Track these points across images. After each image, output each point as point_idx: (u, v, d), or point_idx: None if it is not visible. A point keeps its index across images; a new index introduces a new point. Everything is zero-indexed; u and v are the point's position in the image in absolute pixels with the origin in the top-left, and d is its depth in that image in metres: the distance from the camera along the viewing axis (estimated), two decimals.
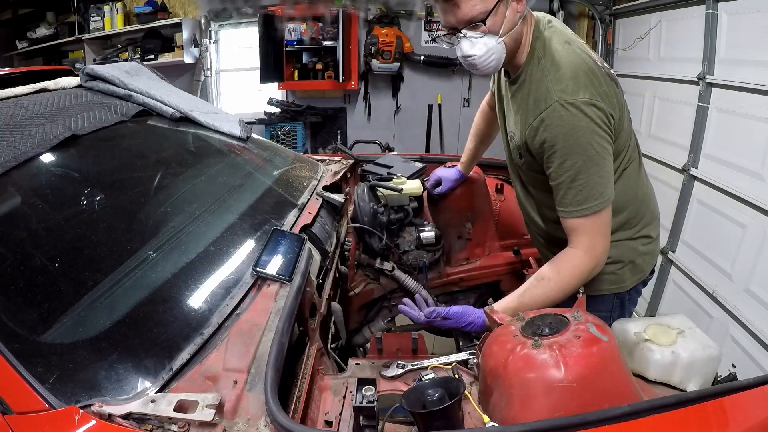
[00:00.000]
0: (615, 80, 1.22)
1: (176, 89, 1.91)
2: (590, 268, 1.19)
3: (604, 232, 1.19)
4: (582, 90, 1.11)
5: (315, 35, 4.34)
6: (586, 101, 1.10)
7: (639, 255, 1.34)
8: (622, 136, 1.22)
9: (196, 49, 4.70)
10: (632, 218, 1.32)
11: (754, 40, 2.23)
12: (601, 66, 1.20)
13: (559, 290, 1.20)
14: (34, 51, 5.12)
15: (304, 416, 0.92)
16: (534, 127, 1.17)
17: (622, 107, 1.22)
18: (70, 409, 0.77)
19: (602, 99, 1.13)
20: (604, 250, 1.20)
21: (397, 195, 1.83)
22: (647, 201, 1.37)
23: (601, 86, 1.14)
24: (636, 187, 1.32)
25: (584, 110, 1.10)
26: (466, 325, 1.25)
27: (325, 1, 4.21)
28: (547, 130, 1.14)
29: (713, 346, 1.05)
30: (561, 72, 1.13)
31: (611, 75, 1.22)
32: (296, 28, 4.31)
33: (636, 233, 1.33)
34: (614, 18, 3.71)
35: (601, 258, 1.21)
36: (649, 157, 3.00)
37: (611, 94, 1.16)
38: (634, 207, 1.31)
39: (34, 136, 1.21)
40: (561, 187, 1.17)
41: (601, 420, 0.72)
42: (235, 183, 1.57)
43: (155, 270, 1.09)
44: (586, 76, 1.13)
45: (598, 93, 1.12)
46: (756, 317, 2.13)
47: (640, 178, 1.35)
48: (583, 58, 1.17)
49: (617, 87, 1.22)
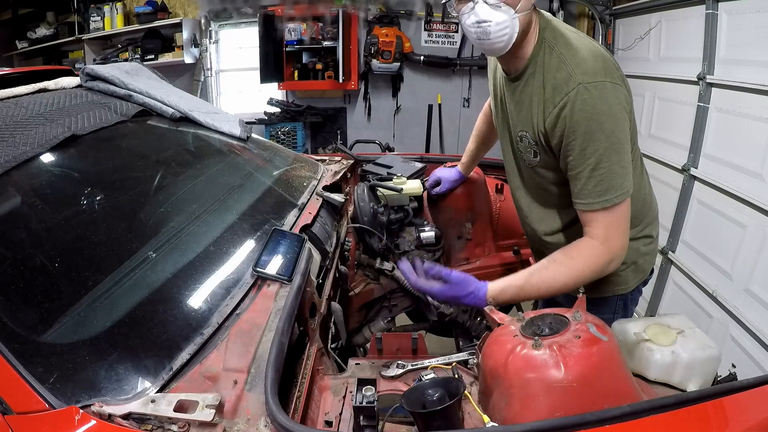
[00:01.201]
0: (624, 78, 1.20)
1: (176, 89, 1.91)
2: (605, 261, 1.14)
3: (624, 227, 1.14)
4: (604, 72, 1.08)
5: (315, 35, 4.34)
6: (611, 82, 1.07)
7: (641, 255, 1.34)
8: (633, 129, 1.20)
9: (196, 49, 4.70)
10: (635, 218, 1.30)
11: (754, 40, 2.23)
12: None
13: (570, 276, 1.14)
14: (34, 51, 5.12)
15: (304, 416, 0.92)
16: (555, 115, 1.12)
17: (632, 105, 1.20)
18: (70, 409, 0.76)
19: (623, 83, 1.11)
20: (622, 246, 1.15)
21: (397, 195, 1.83)
22: (649, 200, 1.36)
23: (619, 70, 1.12)
24: (639, 186, 1.30)
25: (609, 92, 1.06)
26: (467, 295, 1.16)
27: (325, 1, 4.21)
28: (569, 116, 1.09)
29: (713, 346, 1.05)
30: (580, 56, 1.10)
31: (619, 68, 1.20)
32: (296, 28, 4.31)
33: (638, 233, 1.32)
34: (614, 18, 3.71)
35: (618, 253, 1.15)
36: (649, 157, 3.00)
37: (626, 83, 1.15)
38: (637, 206, 1.30)
39: (34, 136, 1.21)
40: (581, 177, 1.12)
41: (601, 420, 0.72)
42: (235, 183, 1.57)
43: (155, 270, 1.09)
44: (605, 60, 1.10)
45: (619, 76, 1.10)
46: (756, 317, 2.13)
47: (642, 178, 1.34)
48: (597, 45, 1.16)
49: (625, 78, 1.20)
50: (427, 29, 4.45)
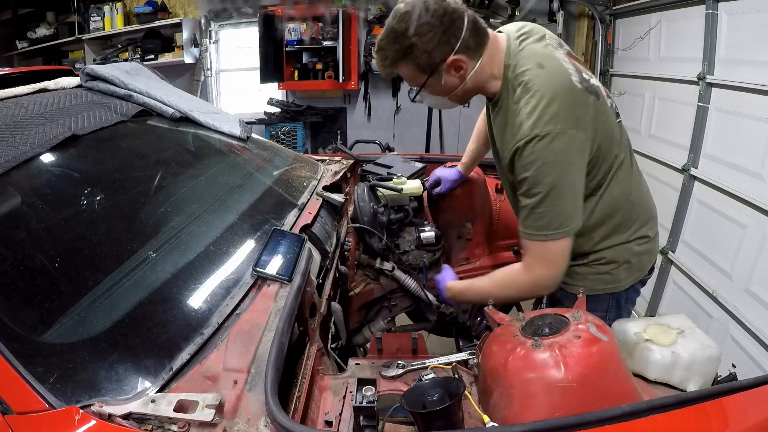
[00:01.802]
0: (596, 92, 1.19)
1: (176, 89, 1.91)
2: (528, 286, 1.25)
3: (553, 261, 1.19)
4: (556, 119, 1.09)
5: (315, 35, 4.34)
6: (558, 132, 1.09)
7: (634, 255, 1.33)
8: (607, 144, 1.20)
9: (196, 49, 4.71)
10: (625, 221, 1.30)
11: (754, 40, 2.23)
12: (582, 79, 1.17)
13: (494, 290, 1.30)
14: (34, 51, 5.12)
15: (304, 416, 0.92)
16: (510, 155, 1.18)
17: (606, 118, 1.20)
18: (70, 409, 0.77)
19: (576, 125, 1.11)
20: (547, 277, 1.21)
21: (397, 195, 1.83)
22: (641, 201, 1.35)
23: (576, 109, 1.12)
24: (628, 189, 1.30)
25: (557, 141, 1.09)
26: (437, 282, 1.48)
27: (325, 1, 4.21)
28: (518, 161, 1.15)
29: (713, 346, 1.05)
30: (533, 103, 1.12)
31: (591, 88, 1.18)
32: (296, 28, 4.31)
33: (630, 236, 1.31)
34: (614, 18, 3.71)
35: (543, 282, 1.23)
36: (649, 157, 3.01)
37: (588, 113, 1.14)
38: (626, 210, 1.29)
39: (34, 136, 1.21)
40: (524, 210, 1.19)
41: (601, 420, 0.72)
42: (235, 183, 1.57)
43: (155, 270, 1.09)
44: (559, 103, 1.10)
45: (572, 119, 1.10)
46: (756, 317, 2.13)
47: (632, 179, 1.32)
48: (559, 79, 1.14)
49: (598, 98, 1.19)
50: None
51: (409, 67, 1.19)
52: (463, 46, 1.15)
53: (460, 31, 1.14)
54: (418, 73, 1.20)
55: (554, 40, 1.29)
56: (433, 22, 1.12)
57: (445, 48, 1.15)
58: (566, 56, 1.24)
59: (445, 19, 1.12)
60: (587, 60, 4.12)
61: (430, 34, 1.12)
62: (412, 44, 1.14)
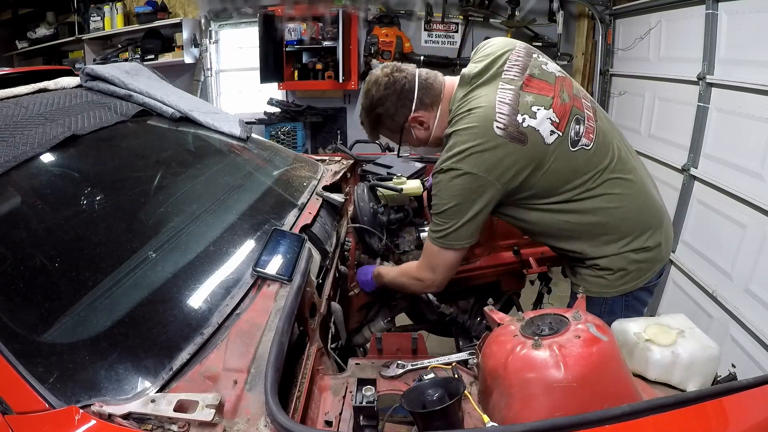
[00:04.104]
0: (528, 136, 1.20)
1: (176, 89, 1.91)
2: (417, 282, 1.42)
3: (435, 266, 1.35)
4: (459, 162, 1.21)
5: (315, 35, 4.34)
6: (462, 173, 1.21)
7: (631, 263, 1.32)
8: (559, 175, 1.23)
9: (196, 49, 4.70)
10: (612, 234, 1.30)
11: (754, 40, 2.23)
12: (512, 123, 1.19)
13: (397, 280, 1.49)
14: (34, 51, 5.12)
15: (304, 416, 0.92)
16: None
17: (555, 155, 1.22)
18: (70, 409, 0.76)
19: (481, 168, 1.19)
20: (430, 279, 1.38)
21: (397, 195, 1.83)
22: (639, 213, 1.32)
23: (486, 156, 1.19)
24: (621, 203, 1.28)
25: (456, 180, 1.22)
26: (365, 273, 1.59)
27: (325, 1, 4.21)
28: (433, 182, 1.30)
29: (713, 346, 1.05)
30: (450, 142, 1.24)
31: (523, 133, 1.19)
32: (296, 28, 4.31)
33: (621, 248, 1.30)
34: (614, 18, 3.71)
35: (428, 283, 1.40)
36: (649, 157, 3.01)
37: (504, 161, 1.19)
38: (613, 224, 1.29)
39: (34, 136, 1.21)
40: (431, 215, 1.34)
41: (601, 420, 0.72)
42: (235, 183, 1.57)
43: (155, 270, 1.09)
44: (469, 151, 1.20)
45: (478, 164, 1.19)
46: (756, 317, 2.13)
47: (629, 191, 1.30)
48: (478, 129, 1.20)
49: (524, 143, 1.20)
50: (427, 29, 4.45)
51: (384, 131, 1.44)
52: (419, 103, 1.34)
53: (412, 93, 1.34)
54: (392, 134, 1.43)
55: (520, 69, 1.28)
56: (387, 93, 1.33)
57: (404, 110, 1.35)
58: (523, 89, 1.24)
59: (396, 87, 1.33)
60: (587, 60, 4.11)
61: (388, 103, 1.34)
62: (379, 114, 1.37)
